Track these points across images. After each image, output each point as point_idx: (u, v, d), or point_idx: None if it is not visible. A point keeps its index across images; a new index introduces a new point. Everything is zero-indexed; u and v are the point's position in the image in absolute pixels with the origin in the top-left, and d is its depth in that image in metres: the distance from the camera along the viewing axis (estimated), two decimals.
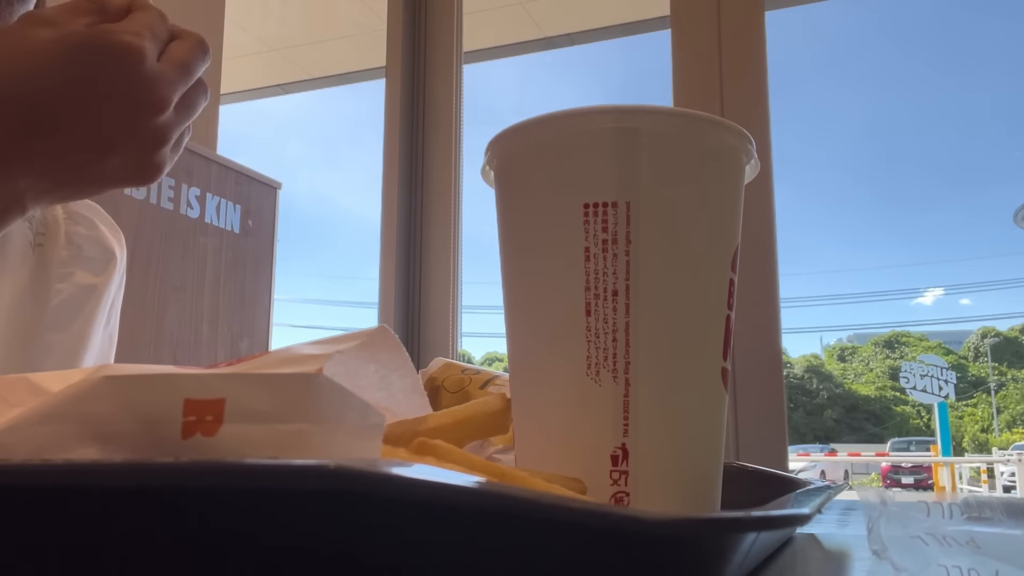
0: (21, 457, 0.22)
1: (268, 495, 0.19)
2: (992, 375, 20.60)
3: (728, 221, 0.35)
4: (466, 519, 0.20)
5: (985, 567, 0.25)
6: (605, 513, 0.20)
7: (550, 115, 0.34)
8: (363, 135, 17.66)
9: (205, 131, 1.64)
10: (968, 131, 42.31)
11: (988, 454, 15.37)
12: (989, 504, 0.29)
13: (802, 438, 21.02)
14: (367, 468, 0.17)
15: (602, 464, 0.32)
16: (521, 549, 0.21)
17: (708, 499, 0.34)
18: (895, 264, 40.94)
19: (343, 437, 0.22)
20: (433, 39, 1.99)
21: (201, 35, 0.45)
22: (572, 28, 2.76)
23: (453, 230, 1.89)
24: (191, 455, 0.22)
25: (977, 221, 41.60)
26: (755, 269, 1.53)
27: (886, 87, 45.19)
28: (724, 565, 0.24)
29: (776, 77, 6.28)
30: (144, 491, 0.20)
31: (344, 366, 0.32)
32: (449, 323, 1.82)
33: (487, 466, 0.26)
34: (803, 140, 43.44)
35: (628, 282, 0.32)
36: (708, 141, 0.34)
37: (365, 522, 0.20)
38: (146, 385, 0.23)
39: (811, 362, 23.47)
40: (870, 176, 45.56)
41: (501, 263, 0.37)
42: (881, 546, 0.27)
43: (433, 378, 0.51)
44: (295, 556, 0.20)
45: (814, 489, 0.41)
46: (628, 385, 0.32)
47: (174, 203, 1.39)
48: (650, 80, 17.74)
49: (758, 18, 1.64)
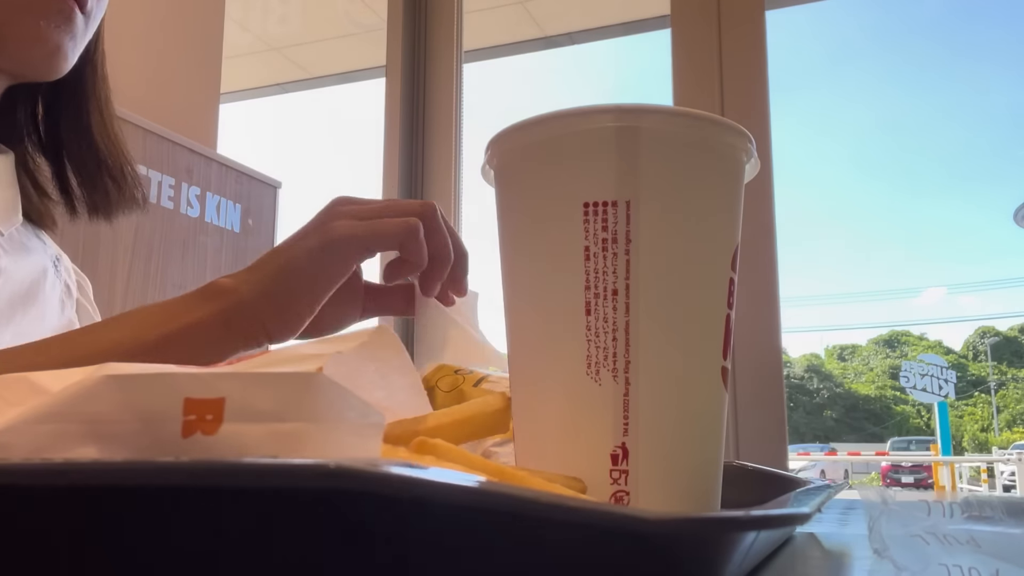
0: (21, 456, 0.22)
1: (268, 494, 0.19)
2: (992, 374, 20.59)
3: (728, 220, 0.35)
4: (466, 518, 0.20)
5: (986, 566, 0.25)
6: (605, 512, 0.20)
7: (550, 114, 0.34)
8: (363, 134, 17.74)
9: (205, 130, 1.64)
10: (968, 131, 42.30)
11: (988, 453, 15.38)
12: (989, 503, 0.29)
13: (802, 438, 21.02)
14: (367, 467, 0.17)
15: (602, 463, 0.32)
16: (521, 548, 0.21)
17: (708, 498, 0.34)
18: (895, 264, 40.92)
19: (343, 436, 0.22)
20: (433, 38, 1.99)
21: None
22: (572, 27, 2.76)
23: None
24: (191, 454, 0.22)
25: (977, 221, 41.59)
26: (755, 269, 1.53)
27: (886, 87, 45.17)
28: (724, 564, 0.24)
29: (776, 76, 6.28)
30: (144, 491, 0.20)
31: (344, 365, 0.32)
32: None
33: (487, 465, 0.26)
34: (803, 139, 43.43)
35: (628, 281, 0.32)
36: (708, 140, 0.34)
37: (365, 522, 0.20)
38: (146, 384, 0.23)
39: (811, 362, 23.47)
40: (870, 176, 45.56)
41: (501, 262, 0.37)
42: (882, 545, 0.27)
43: (426, 379, 0.51)
44: (295, 556, 0.20)
45: (814, 488, 0.41)
46: (628, 384, 0.32)
47: (174, 202, 1.39)
48: (650, 80, 17.74)
49: (758, 17, 1.64)
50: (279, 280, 0.47)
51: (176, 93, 1.60)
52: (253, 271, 0.48)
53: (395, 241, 0.47)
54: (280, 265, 0.47)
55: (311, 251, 0.47)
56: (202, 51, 1.67)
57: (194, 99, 1.65)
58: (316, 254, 0.47)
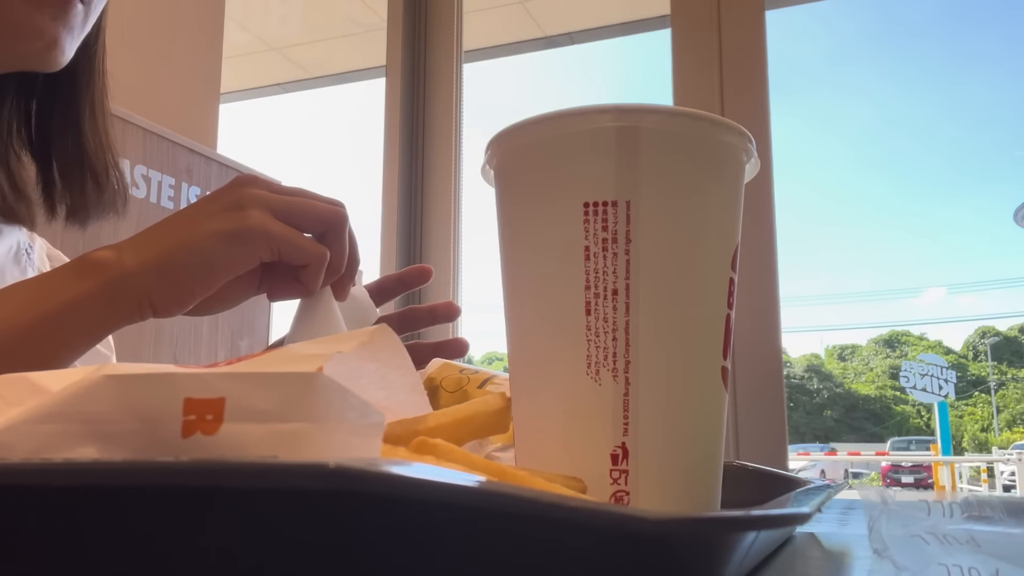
0: (20, 456, 0.22)
1: (268, 494, 0.19)
2: (992, 374, 20.59)
3: (728, 220, 0.35)
4: (466, 519, 0.20)
5: (985, 566, 0.25)
6: (605, 512, 0.20)
7: (550, 114, 0.34)
8: (363, 134, 17.70)
9: (205, 130, 1.64)
10: (968, 130, 42.34)
11: (988, 453, 15.37)
12: (989, 503, 0.29)
13: (802, 437, 21.01)
14: (367, 467, 0.17)
15: (602, 463, 0.32)
16: (521, 548, 0.21)
17: (708, 498, 0.34)
18: (895, 264, 40.96)
19: (343, 436, 0.22)
20: (433, 38, 1.99)
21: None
22: (572, 27, 2.76)
23: (453, 229, 1.89)
24: (191, 454, 0.22)
25: (977, 221, 41.63)
26: (755, 269, 1.53)
27: (886, 86, 45.20)
28: (724, 564, 0.24)
29: (776, 76, 6.28)
30: (144, 491, 0.20)
31: (344, 365, 0.32)
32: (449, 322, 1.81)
33: (487, 465, 0.26)
34: (803, 139, 43.48)
35: (628, 281, 0.32)
36: (708, 140, 0.34)
37: (365, 521, 0.20)
38: (146, 384, 0.23)
39: (811, 362, 23.48)
40: (870, 176, 45.61)
41: (501, 262, 0.37)
42: (882, 545, 0.27)
43: (431, 378, 0.51)
44: (295, 555, 0.20)
45: (814, 488, 0.41)
46: (628, 384, 0.32)
47: (174, 202, 1.39)
48: (650, 79, 17.74)
49: (758, 17, 1.64)
50: (175, 256, 0.44)
51: (176, 93, 1.60)
52: (140, 243, 0.45)
53: (304, 260, 0.46)
54: (180, 242, 0.44)
55: (219, 234, 0.44)
56: (202, 51, 1.67)
57: (194, 99, 1.65)
58: (224, 240, 0.44)
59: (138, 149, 1.32)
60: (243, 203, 0.44)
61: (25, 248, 0.68)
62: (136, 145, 1.31)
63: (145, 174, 1.34)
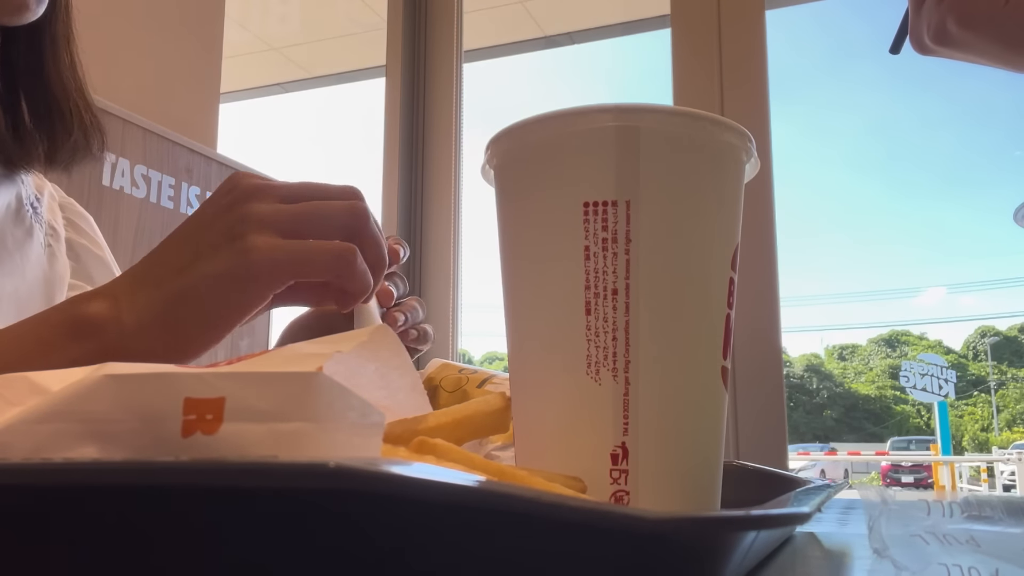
0: (20, 456, 0.22)
1: (268, 494, 0.19)
2: (992, 374, 20.59)
3: (728, 220, 0.35)
4: (466, 518, 0.20)
5: (985, 565, 0.25)
6: (605, 512, 0.20)
7: (550, 114, 0.34)
8: (363, 134, 17.62)
9: (205, 130, 1.64)
10: (968, 130, 42.35)
11: (988, 453, 15.37)
12: (989, 503, 0.29)
13: (802, 437, 21.01)
14: (367, 467, 0.17)
15: (602, 463, 0.32)
16: (521, 548, 0.21)
17: (708, 498, 0.34)
18: (895, 264, 40.96)
19: (343, 436, 0.22)
20: (433, 38, 1.99)
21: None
22: (572, 27, 2.76)
23: (453, 229, 1.89)
24: (191, 454, 0.22)
25: (977, 221, 41.63)
26: (755, 269, 1.53)
27: (886, 86, 45.21)
28: (724, 564, 0.24)
29: (776, 76, 6.26)
30: (144, 490, 0.20)
31: (344, 365, 0.32)
32: (449, 322, 1.82)
33: (487, 465, 0.26)
34: (803, 139, 43.49)
35: (628, 281, 0.32)
36: (708, 140, 0.34)
37: (365, 521, 0.20)
38: (146, 383, 0.23)
39: (811, 361, 23.48)
40: (870, 175, 45.62)
41: (501, 262, 0.37)
42: (882, 545, 0.27)
43: (431, 378, 0.51)
44: (295, 555, 0.20)
45: (814, 488, 0.41)
46: (628, 384, 0.32)
47: (174, 202, 1.39)
48: (650, 79, 17.76)
49: (758, 17, 1.64)
50: (176, 311, 0.39)
51: (176, 93, 1.60)
52: (138, 289, 0.40)
53: (328, 272, 0.39)
54: (180, 292, 0.39)
55: (220, 279, 0.38)
56: (202, 51, 1.67)
57: (194, 99, 1.65)
58: (226, 285, 0.38)
59: (138, 149, 1.32)
60: (244, 228, 0.39)
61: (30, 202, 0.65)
62: (136, 145, 1.31)
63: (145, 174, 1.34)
